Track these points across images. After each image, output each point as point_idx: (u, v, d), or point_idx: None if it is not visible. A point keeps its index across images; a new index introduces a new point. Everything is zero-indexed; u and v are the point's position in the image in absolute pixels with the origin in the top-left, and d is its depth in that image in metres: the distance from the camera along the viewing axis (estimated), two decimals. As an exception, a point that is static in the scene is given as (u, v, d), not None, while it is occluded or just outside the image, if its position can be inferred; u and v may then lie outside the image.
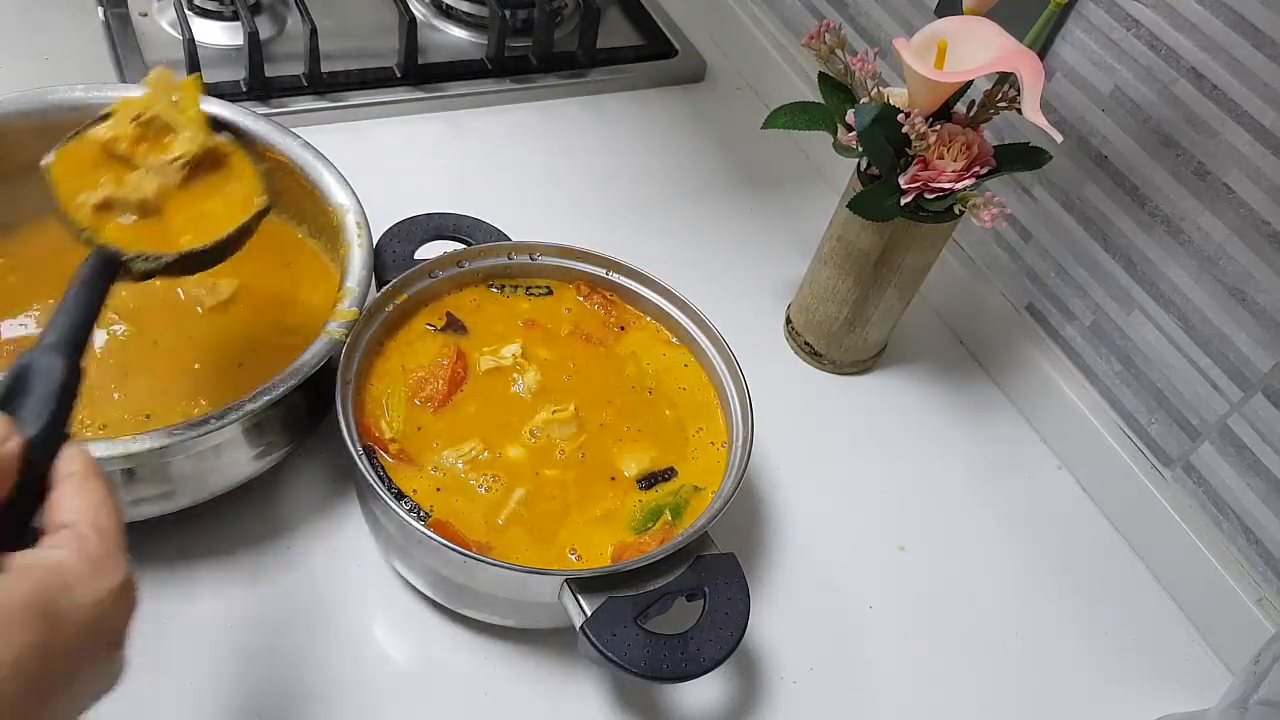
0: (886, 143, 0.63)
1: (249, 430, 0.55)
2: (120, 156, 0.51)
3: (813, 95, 0.72)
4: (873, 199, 0.65)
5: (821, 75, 0.68)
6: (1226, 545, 0.66)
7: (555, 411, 0.60)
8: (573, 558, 0.56)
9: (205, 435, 0.53)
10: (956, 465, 0.74)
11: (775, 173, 0.92)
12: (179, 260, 0.50)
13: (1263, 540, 0.64)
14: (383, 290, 0.62)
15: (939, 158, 0.63)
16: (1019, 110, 0.58)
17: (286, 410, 0.57)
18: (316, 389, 0.57)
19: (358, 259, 0.62)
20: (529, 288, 0.67)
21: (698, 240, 0.84)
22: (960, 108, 0.66)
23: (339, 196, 0.64)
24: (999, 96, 0.64)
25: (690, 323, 0.66)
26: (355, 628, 0.57)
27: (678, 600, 0.54)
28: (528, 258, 0.67)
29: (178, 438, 0.52)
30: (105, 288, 0.46)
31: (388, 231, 0.67)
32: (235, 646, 0.55)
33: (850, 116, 0.64)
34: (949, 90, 0.63)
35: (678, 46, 0.98)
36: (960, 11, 0.62)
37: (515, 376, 0.62)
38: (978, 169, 0.63)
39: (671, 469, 0.60)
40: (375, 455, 0.56)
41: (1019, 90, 0.60)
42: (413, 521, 0.52)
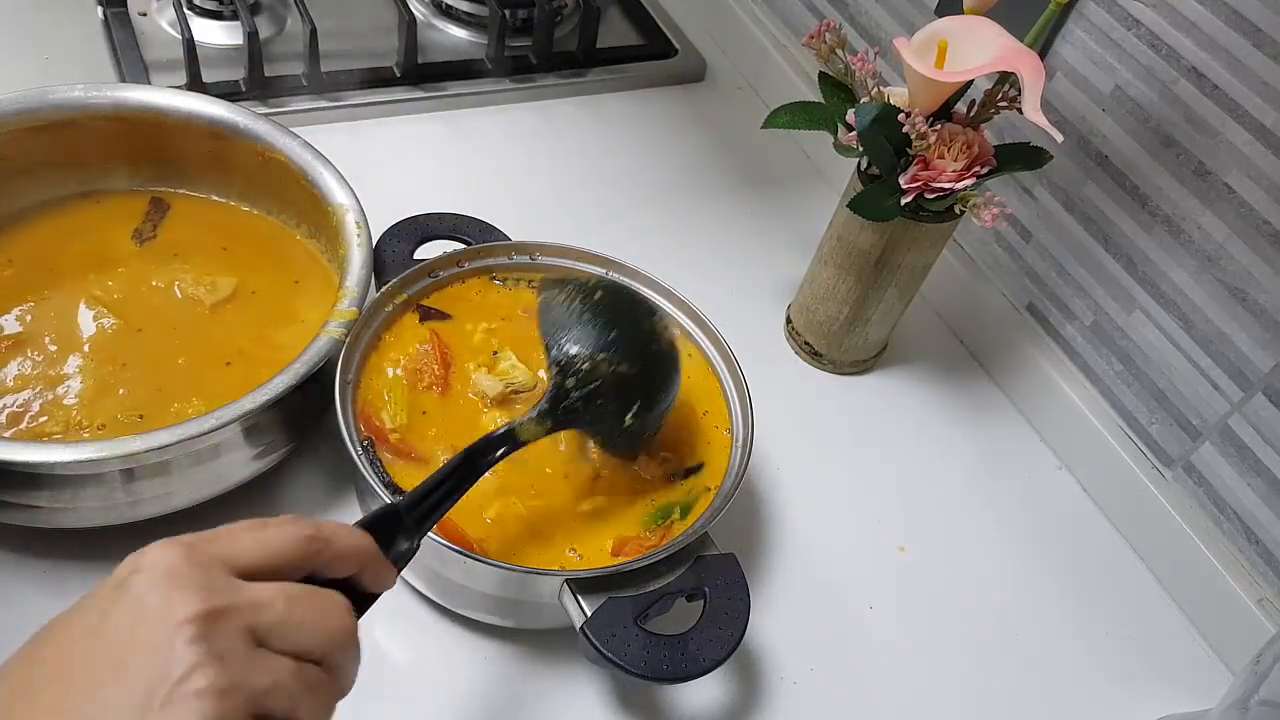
0: (887, 142, 0.63)
1: (249, 430, 0.55)
2: None
3: (813, 95, 0.72)
4: (873, 199, 0.65)
5: (822, 75, 0.68)
6: (1227, 545, 0.66)
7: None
8: (573, 555, 0.56)
9: (205, 435, 0.53)
10: (956, 465, 0.74)
11: (775, 173, 0.92)
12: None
13: (1263, 540, 0.64)
14: (382, 290, 0.62)
15: (939, 157, 0.63)
16: (1019, 110, 0.58)
17: (286, 410, 0.57)
18: (316, 388, 0.57)
19: (357, 259, 0.62)
20: (531, 281, 0.67)
21: (698, 240, 0.84)
22: (960, 107, 0.66)
23: (338, 196, 0.64)
24: (999, 96, 0.64)
25: (690, 322, 0.66)
26: (355, 628, 0.57)
27: (678, 600, 0.54)
28: (528, 258, 0.67)
29: (178, 437, 0.52)
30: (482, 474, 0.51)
31: (387, 231, 0.67)
32: (235, 647, 0.55)
33: (850, 116, 0.64)
34: (949, 90, 0.63)
35: (678, 46, 0.98)
36: (961, 11, 0.62)
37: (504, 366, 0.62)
38: (978, 169, 0.63)
39: (701, 464, 0.60)
40: (375, 452, 0.56)
41: (1019, 90, 0.60)
42: (412, 521, 0.52)
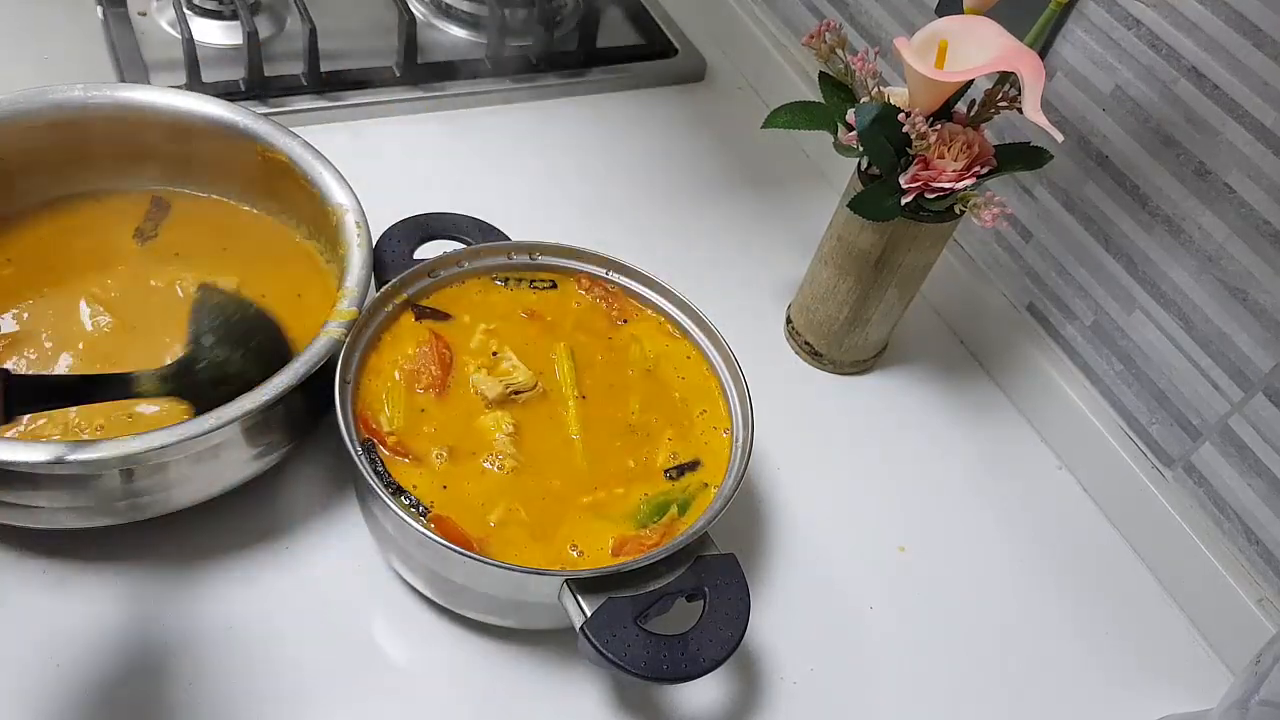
0: (887, 142, 0.63)
1: (249, 430, 0.55)
2: None
3: (813, 95, 0.72)
4: (873, 199, 0.65)
5: (822, 75, 0.68)
6: (1227, 545, 0.66)
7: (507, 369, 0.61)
8: (574, 553, 0.56)
9: (205, 435, 0.52)
10: (956, 465, 0.74)
11: (775, 173, 0.92)
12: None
13: (1263, 540, 0.64)
14: (382, 290, 0.62)
15: (939, 157, 0.63)
16: (1019, 110, 0.58)
17: (286, 410, 0.57)
18: (316, 388, 0.57)
19: (357, 259, 0.62)
20: (533, 281, 0.67)
21: (698, 240, 0.84)
22: (961, 107, 0.66)
23: (338, 196, 0.64)
24: (999, 96, 0.64)
25: (690, 322, 0.66)
26: (354, 628, 0.57)
27: (678, 600, 0.54)
28: (528, 257, 0.67)
29: (178, 437, 0.52)
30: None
31: (387, 231, 0.67)
32: (235, 647, 0.55)
33: (850, 116, 0.64)
34: (949, 90, 0.63)
35: (678, 46, 0.98)
36: (961, 11, 0.62)
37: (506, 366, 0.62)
38: (978, 169, 0.63)
39: (697, 460, 0.60)
40: (375, 451, 0.56)
41: (1019, 90, 0.60)
42: (409, 520, 0.52)
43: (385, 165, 0.82)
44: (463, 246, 0.67)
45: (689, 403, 0.63)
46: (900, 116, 0.62)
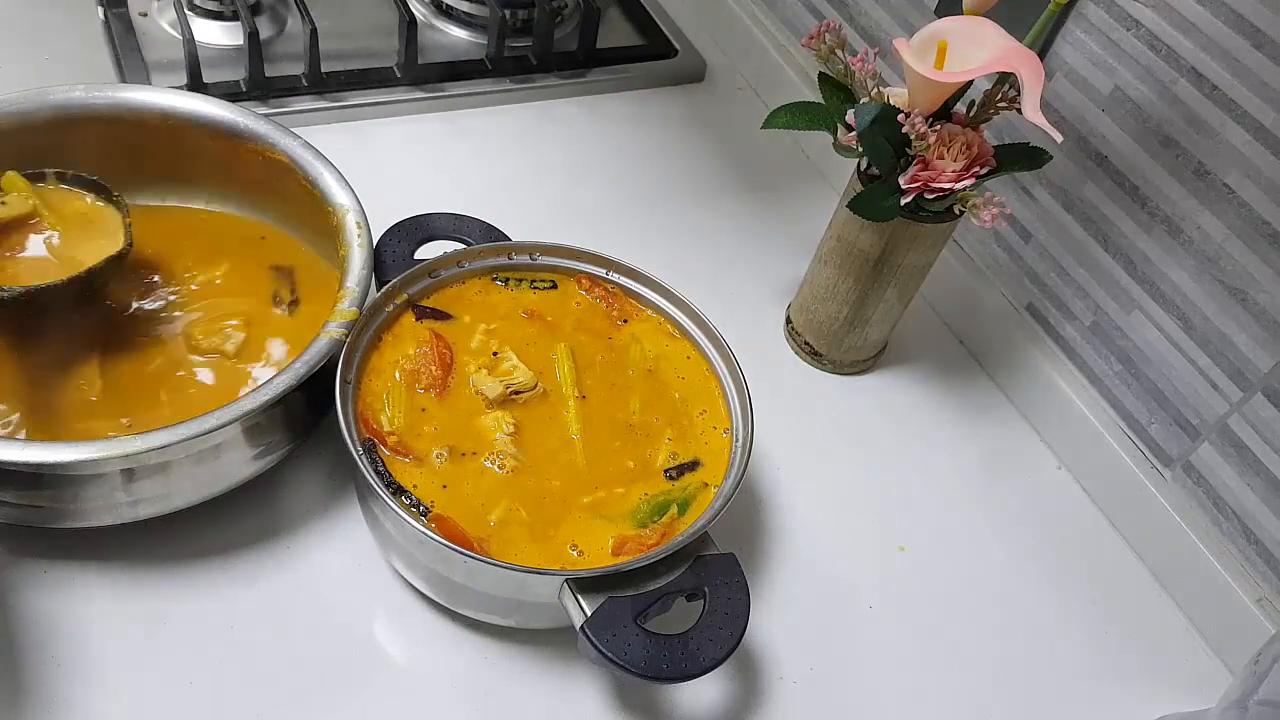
0: (886, 143, 0.63)
1: (249, 430, 0.55)
2: None
3: (813, 95, 0.72)
4: (873, 199, 0.65)
5: (821, 75, 0.68)
6: (1226, 545, 0.66)
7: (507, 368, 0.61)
8: (574, 553, 0.56)
9: (205, 435, 0.53)
10: (956, 465, 0.74)
11: (775, 173, 0.92)
12: (27, 294, 0.58)
13: (1263, 540, 0.64)
14: (383, 290, 0.62)
15: (939, 158, 0.63)
16: (1019, 110, 0.58)
17: (286, 410, 0.57)
18: (316, 388, 0.57)
19: (358, 259, 0.62)
20: (533, 281, 0.67)
21: (698, 240, 0.84)
22: (960, 108, 0.66)
23: (339, 196, 0.64)
24: (999, 96, 0.64)
25: (690, 322, 0.66)
26: (355, 628, 0.57)
27: (678, 600, 0.54)
28: (528, 258, 0.67)
29: (178, 437, 0.52)
30: None
31: (388, 231, 0.67)
32: (235, 646, 0.55)
33: (850, 116, 0.64)
34: (949, 90, 0.63)
35: (678, 46, 0.98)
36: (960, 11, 0.62)
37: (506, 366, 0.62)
38: (978, 169, 0.63)
39: (697, 460, 0.60)
40: (376, 450, 0.56)
41: (1019, 90, 0.60)
42: (410, 520, 0.52)
43: (386, 165, 0.82)
44: (463, 246, 0.67)
45: (689, 403, 0.63)
46: (900, 117, 0.62)
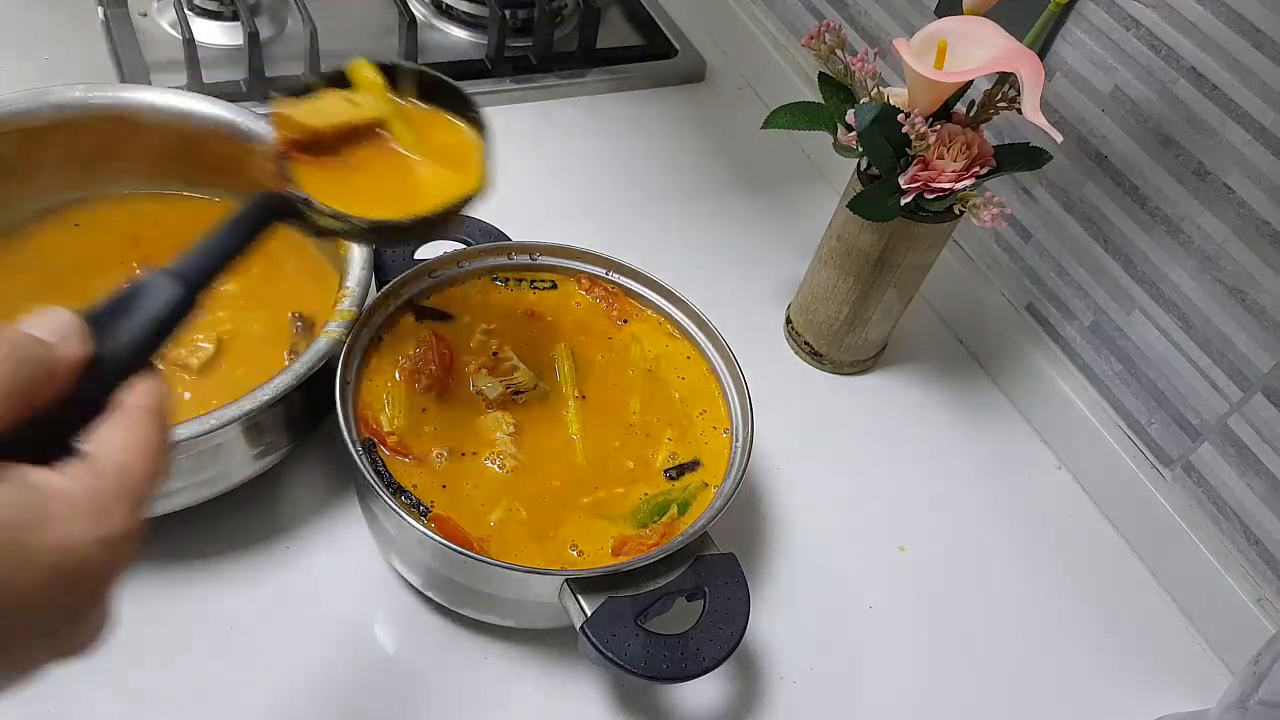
0: (886, 143, 0.63)
1: (249, 430, 0.55)
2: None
3: (813, 95, 0.72)
4: (873, 199, 0.65)
5: (821, 75, 0.68)
6: (1226, 545, 0.66)
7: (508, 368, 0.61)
8: (574, 553, 0.56)
9: (205, 435, 0.53)
10: (956, 465, 0.74)
11: (775, 173, 0.92)
12: (370, 229, 0.48)
13: (1263, 540, 0.64)
14: (383, 290, 0.62)
15: (939, 158, 0.63)
16: (1019, 110, 0.58)
17: (286, 410, 0.57)
18: (316, 388, 0.57)
19: (357, 259, 0.62)
20: (533, 281, 0.67)
21: (698, 240, 0.84)
22: (960, 108, 0.66)
23: (339, 196, 0.64)
24: (999, 96, 0.64)
25: (690, 322, 0.66)
26: (355, 628, 0.57)
27: (678, 600, 0.54)
28: (528, 258, 0.67)
29: (178, 438, 0.52)
30: (261, 230, 0.42)
31: (388, 231, 0.67)
32: (235, 646, 0.55)
33: (850, 116, 0.64)
34: (949, 90, 0.63)
35: (678, 46, 0.98)
36: (960, 11, 0.62)
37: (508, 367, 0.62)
38: (978, 169, 0.63)
39: (697, 460, 0.60)
40: (376, 450, 0.56)
41: (1019, 90, 0.60)
42: (410, 520, 0.52)
43: (385, 165, 0.82)
44: (463, 246, 0.67)
45: (689, 403, 0.63)
46: (900, 117, 0.62)
